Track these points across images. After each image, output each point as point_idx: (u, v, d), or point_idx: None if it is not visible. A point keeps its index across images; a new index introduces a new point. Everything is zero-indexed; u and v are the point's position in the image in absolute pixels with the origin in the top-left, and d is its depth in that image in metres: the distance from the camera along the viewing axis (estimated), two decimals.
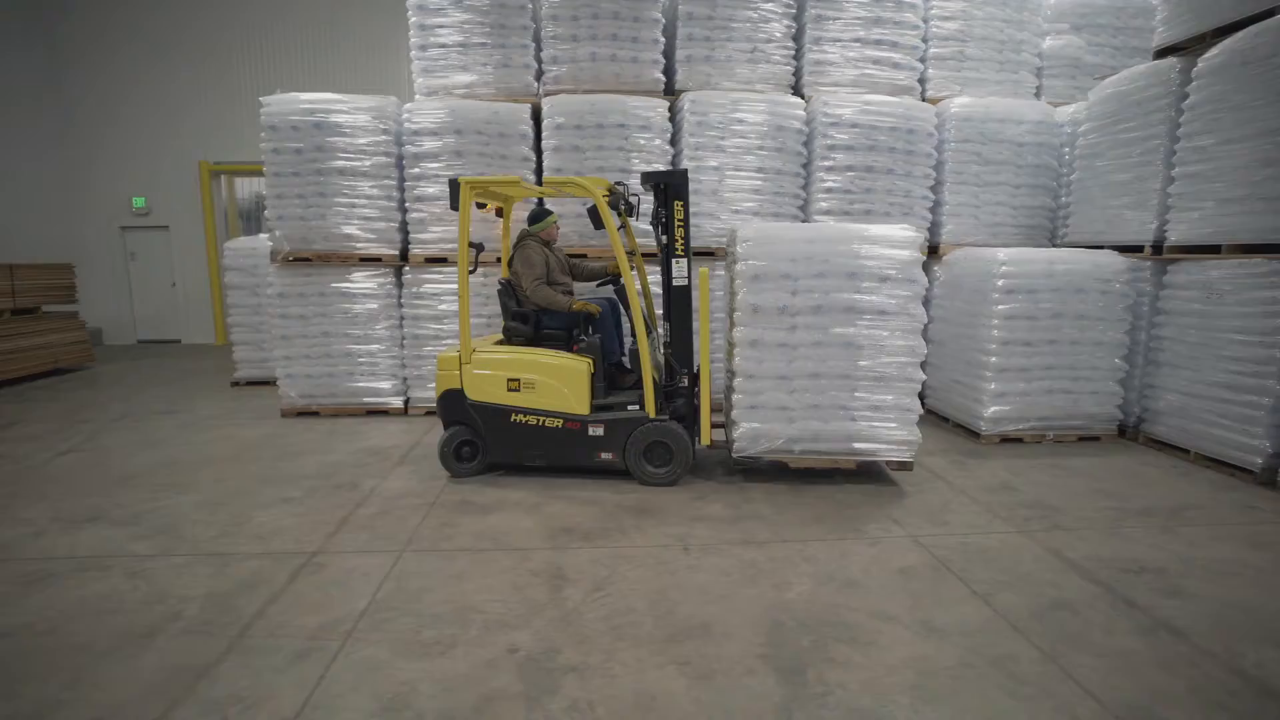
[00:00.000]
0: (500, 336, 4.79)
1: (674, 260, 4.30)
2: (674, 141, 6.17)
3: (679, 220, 4.25)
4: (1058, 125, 6.34)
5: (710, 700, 2.34)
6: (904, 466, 4.33)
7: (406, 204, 6.12)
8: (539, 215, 4.84)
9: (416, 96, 6.32)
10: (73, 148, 10.80)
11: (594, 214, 4.31)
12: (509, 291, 4.73)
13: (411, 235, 6.16)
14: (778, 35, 6.30)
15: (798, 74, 6.44)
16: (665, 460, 4.36)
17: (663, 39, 6.28)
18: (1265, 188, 4.33)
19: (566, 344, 4.58)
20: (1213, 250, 4.70)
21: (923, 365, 4.27)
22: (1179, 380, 4.96)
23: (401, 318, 6.22)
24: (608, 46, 6.18)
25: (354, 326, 6.18)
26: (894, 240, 4.17)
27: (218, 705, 2.33)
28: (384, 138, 6.02)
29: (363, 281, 6.15)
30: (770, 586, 3.13)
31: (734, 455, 4.35)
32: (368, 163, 6.01)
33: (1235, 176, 4.52)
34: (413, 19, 6.22)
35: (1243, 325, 4.46)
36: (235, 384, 7.72)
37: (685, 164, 6.00)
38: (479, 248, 4.88)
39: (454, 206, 4.39)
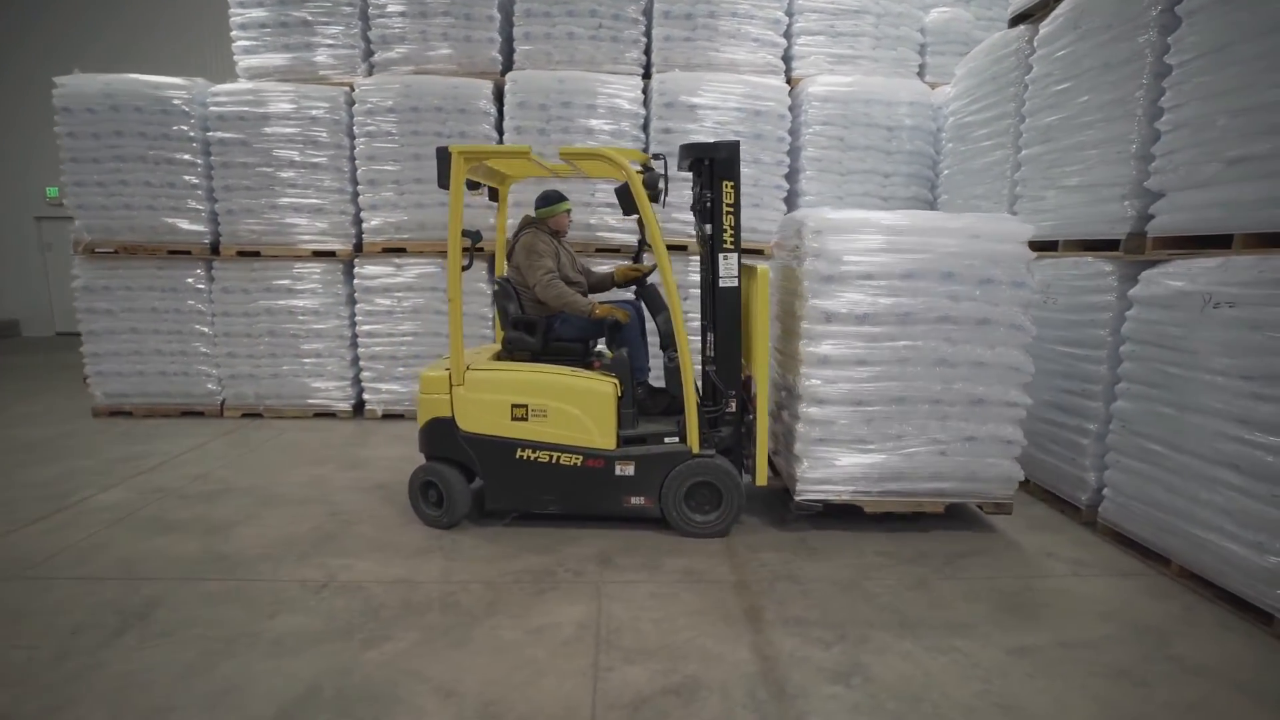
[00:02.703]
0: (497, 349, 3.93)
1: (721, 256, 3.39)
2: (500, 126, 5.65)
3: (727, 206, 3.36)
4: (935, 107, 5.61)
5: None
6: (1001, 509, 3.56)
7: (215, 193, 5.72)
8: (551, 198, 3.88)
9: (239, 79, 5.93)
10: None
11: (623, 194, 3.44)
12: (508, 293, 3.80)
13: (222, 227, 5.75)
14: (626, 10, 5.71)
15: (648, 52, 5.86)
16: (712, 505, 3.51)
17: (499, 15, 5.77)
18: (1096, 173, 3.61)
19: (582, 359, 3.74)
20: (1052, 247, 3.98)
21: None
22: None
23: (213, 314, 5.82)
24: (439, 24, 5.69)
25: (163, 323, 5.79)
26: (997, 233, 3.37)
27: None
28: (190, 123, 5.62)
29: (171, 276, 5.76)
30: (362, 641, 2.59)
31: (797, 499, 3.53)
32: (174, 151, 5.61)
33: (1072, 159, 3.80)
34: None
35: (1072, 336, 3.74)
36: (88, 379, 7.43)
37: None
38: (475, 236, 3.79)
39: (442, 184, 3.45)
